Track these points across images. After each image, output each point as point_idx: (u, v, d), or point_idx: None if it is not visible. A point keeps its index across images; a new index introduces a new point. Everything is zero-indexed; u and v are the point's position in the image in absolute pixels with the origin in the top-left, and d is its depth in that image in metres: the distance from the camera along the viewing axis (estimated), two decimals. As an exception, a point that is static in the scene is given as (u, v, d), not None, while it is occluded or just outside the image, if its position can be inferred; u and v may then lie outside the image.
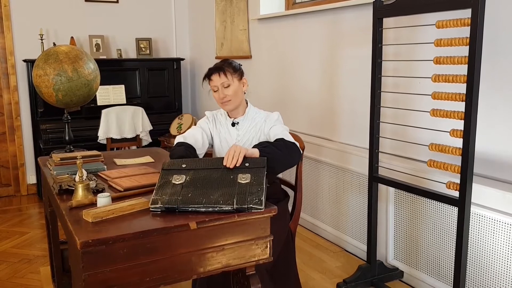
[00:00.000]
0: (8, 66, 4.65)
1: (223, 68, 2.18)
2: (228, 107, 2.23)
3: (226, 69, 2.18)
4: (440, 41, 2.22)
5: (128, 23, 5.17)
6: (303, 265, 3.01)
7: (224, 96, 2.18)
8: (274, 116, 2.24)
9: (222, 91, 2.18)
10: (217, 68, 2.19)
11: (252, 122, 2.26)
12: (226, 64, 2.21)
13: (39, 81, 2.80)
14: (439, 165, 2.28)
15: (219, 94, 2.19)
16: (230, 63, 2.23)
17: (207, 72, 2.23)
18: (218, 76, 2.18)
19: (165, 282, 1.56)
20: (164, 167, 1.83)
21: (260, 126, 2.24)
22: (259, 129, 2.23)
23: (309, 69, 3.64)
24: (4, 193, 4.81)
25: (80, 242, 1.40)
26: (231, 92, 2.18)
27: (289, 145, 2.04)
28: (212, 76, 2.20)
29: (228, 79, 2.17)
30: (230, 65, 2.21)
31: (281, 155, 1.96)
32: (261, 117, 2.26)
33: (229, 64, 2.22)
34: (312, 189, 3.56)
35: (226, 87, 2.18)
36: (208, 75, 2.22)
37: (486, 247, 2.28)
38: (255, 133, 2.24)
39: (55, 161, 2.25)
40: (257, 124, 2.25)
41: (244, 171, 1.77)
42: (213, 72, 2.20)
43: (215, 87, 2.20)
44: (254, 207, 1.63)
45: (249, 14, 4.33)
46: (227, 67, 2.19)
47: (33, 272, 3.03)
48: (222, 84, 2.18)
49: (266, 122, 2.22)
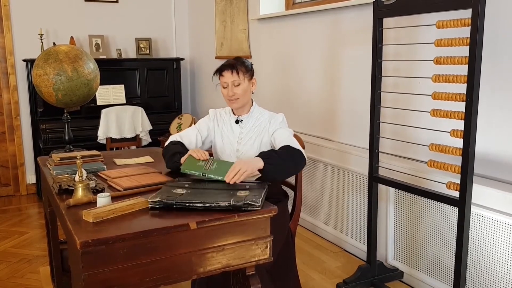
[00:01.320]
0: (7, 65, 4.64)
1: (236, 66, 2.19)
2: (234, 105, 2.23)
3: (239, 68, 2.19)
4: (441, 41, 2.21)
5: (128, 23, 5.16)
6: (303, 265, 3.01)
7: (233, 94, 2.19)
8: (279, 118, 2.24)
9: (232, 88, 2.18)
10: (230, 65, 2.19)
11: (256, 121, 2.26)
12: (239, 63, 2.21)
13: (39, 80, 2.80)
14: (439, 165, 2.27)
15: (228, 92, 2.19)
16: (243, 62, 2.23)
17: (220, 67, 2.22)
18: (230, 74, 2.18)
19: (165, 282, 1.55)
20: (167, 184, 1.85)
21: (264, 126, 2.23)
22: (263, 128, 2.23)
23: (309, 69, 3.64)
24: (4, 193, 4.80)
25: (80, 242, 1.40)
26: (240, 91, 2.19)
27: (294, 153, 2.03)
28: (224, 72, 2.20)
29: (239, 78, 2.18)
30: (243, 64, 2.22)
31: (285, 165, 1.97)
32: (265, 117, 2.26)
33: (242, 63, 2.22)
34: (312, 189, 3.56)
35: (236, 85, 2.18)
36: (220, 70, 2.22)
37: (486, 248, 2.27)
38: (259, 132, 2.23)
39: (54, 160, 2.25)
40: (261, 123, 2.25)
41: (243, 190, 1.77)
42: (226, 69, 2.19)
43: (225, 83, 2.20)
44: (251, 203, 1.63)
45: (249, 14, 4.32)
46: (240, 65, 2.20)
47: (32, 272, 3.03)
48: (233, 82, 2.18)
49: (271, 123, 2.22)
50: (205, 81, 5.33)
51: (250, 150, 2.21)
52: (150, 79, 5.07)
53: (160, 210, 1.67)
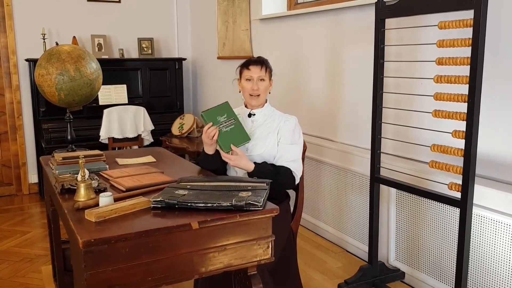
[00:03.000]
0: (10, 65, 4.66)
1: (265, 63, 2.28)
2: (254, 101, 2.29)
3: (267, 65, 2.28)
4: (443, 42, 2.21)
5: (130, 23, 5.17)
6: (305, 265, 3.01)
7: (257, 88, 2.26)
8: (292, 124, 2.28)
9: (257, 83, 2.26)
10: (260, 61, 2.28)
11: (268, 118, 2.31)
12: (266, 62, 2.31)
13: (41, 80, 2.80)
14: (441, 166, 2.27)
15: (252, 85, 2.26)
16: (268, 62, 2.33)
17: (247, 61, 2.30)
18: (259, 69, 2.26)
19: (166, 282, 1.56)
20: (170, 185, 1.87)
21: (278, 123, 2.28)
22: (276, 126, 2.27)
23: (311, 69, 3.64)
24: (6, 192, 4.81)
25: (82, 242, 1.40)
26: (263, 88, 2.27)
27: (287, 182, 2.18)
28: (251, 66, 2.27)
29: (265, 75, 2.26)
30: (268, 64, 2.32)
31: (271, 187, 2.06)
32: (278, 115, 2.32)
33: (268, 62, 2.32)
34: (313, 189, 3.56)
35: (261, 80, 2.26)
36: (246, 64, 2.29)
37: (488, 249, 2.27)
38: (270, 129, 2.27)
39: (57, 160, 2.25)
40: (274, 121, 2.29)
41: (245, 190, 1.78)
42: (254, 64, 2.28)
43: (251, 77, 2.26)
44: (253, 203, 1.64)
45: (251, 14, 4.33)
46: (267, 64, 2.30)
47: (34, 272, 3.03)
48: (259, 77, 2.25)
49: (284, 124, 2.27)
50: (207, 81, 5.34)
51: (258, 145, 2.25)
52: (152, 79, 5.07)
53: (162, 210, 1.67)
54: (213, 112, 2.15)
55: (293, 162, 2.19)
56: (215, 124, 2.13)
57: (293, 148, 2.23)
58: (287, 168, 2.17)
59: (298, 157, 2.23)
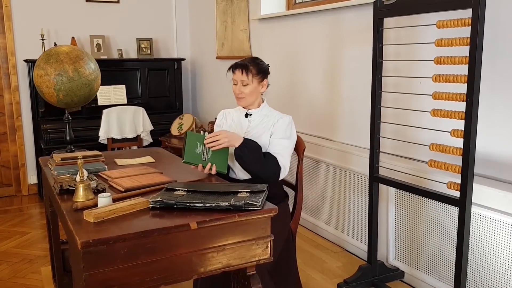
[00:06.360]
0: (9, 66, 4.65)
1: (248, 67, 2.26)
2: (241, 103, 2.32)
3: (250, 69, 2.25)
4: (441, 41, 2.22)
5: (129, 23, 5.17)
6: (304, 265, 3.01)
7: (240, 92, 2.28)
8: (286, 121, 2.29)
9: (240, 87, 2.27)
10: (242, 65, 2.26)
11: (265, 118, 2.32)
12: (253, 64, 2.28)
13: (40, 81, 2.80)
14: (439, 165, 2.27)
15: (236, 90, 2.29)
16: (257, 64, 2.29)
17: (233, 64, 2.31)
18: (241, 73, 2.26)
19: (165, 282, 1.56)
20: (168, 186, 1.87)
21: (273, 122, 2.29)
22: (271, 125, 2.28)
23: (309, 69, 3.64)
24: (5, 193, 4.81)
25: (80, 242, 1.40)
26: (248, 91, 2.27)
27: (271, 167, 2.17)
28: (236, 71, 2.28)
29: (248, 80, 2.25)
30: (256, 66, 2.28)
31: (253, 167, 2.14)
32: (274, 115, 2.32)
33: (255, 64, 2.28)
34: (312, 189, 3.56)
35: (245, 85, 2.26)
36: (232, 68, 2.31)
37: (487, 248, 2.27)
38: (267, 128, 2.28)
39: (56, 161, 2.25)
40: (270, 120, 2.30)
41: (244, 191, 1.78)
42: (236, 68, 2.28)
43: (235, 81, 2.29)
44: (251, 203, 1.64)
45: (250, 14, 4.33)
46: (252, 66, 2.27)
47: (34, 272, 3.03)
48: (242, 82, 2.26)
49: (278, 122, 2.28)
50: (206, 81, 5.34)
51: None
52: (151, 79, 5.07)
53: (161, 210, 1.67)
54: (189, 151, 2.13)
55: (280, 155, 2.20)
56: (198, 162, 2.14)
57: (283, 142, 2.23)
58: (273, 156, 2.19)
59: (286, 151, 2.23)
